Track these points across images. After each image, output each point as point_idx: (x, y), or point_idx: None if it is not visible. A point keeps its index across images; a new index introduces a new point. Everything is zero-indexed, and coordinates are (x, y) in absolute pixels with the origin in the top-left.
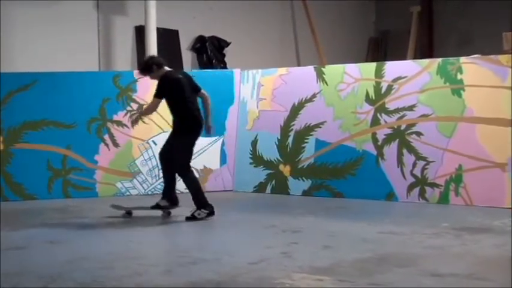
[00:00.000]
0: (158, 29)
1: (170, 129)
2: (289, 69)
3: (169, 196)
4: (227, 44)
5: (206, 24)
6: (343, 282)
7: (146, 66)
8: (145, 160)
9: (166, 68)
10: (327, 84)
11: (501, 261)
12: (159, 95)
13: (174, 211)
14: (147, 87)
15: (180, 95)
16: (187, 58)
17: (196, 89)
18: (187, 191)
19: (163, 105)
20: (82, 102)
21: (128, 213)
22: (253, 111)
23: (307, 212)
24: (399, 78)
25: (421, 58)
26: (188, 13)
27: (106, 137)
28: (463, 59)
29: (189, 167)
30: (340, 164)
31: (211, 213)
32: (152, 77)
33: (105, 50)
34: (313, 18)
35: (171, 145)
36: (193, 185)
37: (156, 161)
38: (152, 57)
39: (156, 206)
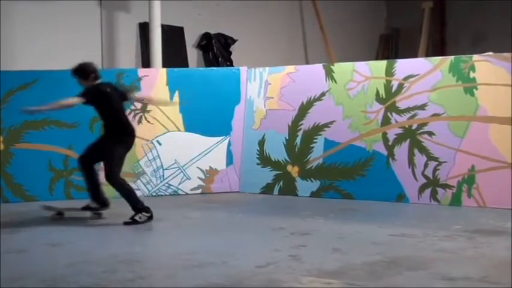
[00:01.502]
0: (163, 26)
1: (174, 129)
2: (298, 67)
3: (99, 198)
4: (233, 41)
5: (212, 21)
6: (353, 285)
7: (84, 73)
8: (149, 161)
9: (98, 82)
10: (336, 83)
11: None
12: (84, 98)
13: (173, 215)
14: (151, 86)
15: (107, 108)
16: (193, 56)
17: (124, 97)
18: (192, 192)
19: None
20: None
21: (59, 214)
22: (260, 110)
23: (316, 213)
24: (410, 76)
25: (432, 56)
26: (193, 10)
27: None
28: (475, 57)
29: (118, 174)
30: (350, 165)
31: (151, 217)
32: (83, 84)
33: (108, 47)
34: (322, 14)
35: (98, 151)
36: (125, 191)
37: (160, 162)
38: (93, 66)
39: (87, 207)
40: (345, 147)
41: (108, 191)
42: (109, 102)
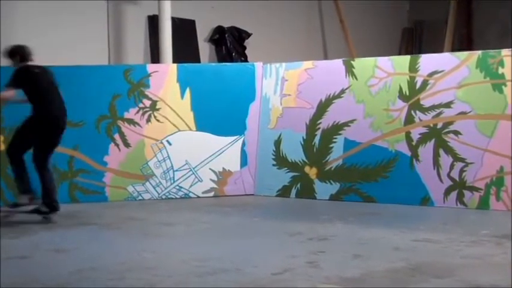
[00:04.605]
0: (173, 19)
1: (186, 129)
2: (316, 62)
3: (32, 190)
4: (248, 35)
5: (225, 13)
6: None
7: (11, 53)
8: (159, 162)
9: (30, 63)
10: (356, 79)
11: None
12: (15, 85)
13: (184, 219)
14: (160, 83)
15: (35, 91)
16: (205, 50)
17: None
18: (204, 195)
19: (179, 103)
20: (90, 98)
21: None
22: (276, 108)
23: (336, 218)
24: (435, 72)
25: (459, 50)
26: (206, 2)
27: (116, 136)
28: (504, 52)
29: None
30: (371, 166)
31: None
32: (12, 65)
33: (116, 41)
34: (341, 6)
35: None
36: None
37: (171, 163)
38: (22, 47)
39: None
40: (366, 148)
41: (117, 194)
42: (34, 83)
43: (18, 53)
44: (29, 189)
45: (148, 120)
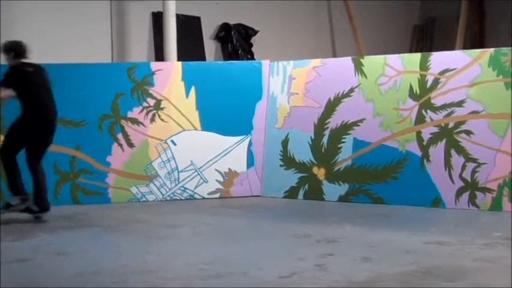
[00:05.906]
0: (178, 16)
1: (191, 128)
2: (324, 60)
3: (24, 191)
4: (255, 32)
5: (231, 10)
6: None
7: (5, 49)
8: (163, 162)
9: (24, 61)
10: (366, 78)
11: None
12: (6, 84)
13: (189, 221)
14: (165, 81)
15: (26, 90)
16: (211, 48)
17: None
18: (210, 196)
19: (184, 102)
20: (93, 97)
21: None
22: (283, 107)
23: (344, 219)
24: (447, 70)
25: (471, 48)
26: None
27: (119, 136)
28: None
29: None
30: (381, 167)
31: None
32: (7, 62)
33: (119, 39)
34: (351, 3)
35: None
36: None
37: (175, 163)
38: (17, 44)
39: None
40: (376, 148)
41: (120, 195)
42: (25, 82)
43: (13, 50)
44: (21, 191)
45: (152, 120)
